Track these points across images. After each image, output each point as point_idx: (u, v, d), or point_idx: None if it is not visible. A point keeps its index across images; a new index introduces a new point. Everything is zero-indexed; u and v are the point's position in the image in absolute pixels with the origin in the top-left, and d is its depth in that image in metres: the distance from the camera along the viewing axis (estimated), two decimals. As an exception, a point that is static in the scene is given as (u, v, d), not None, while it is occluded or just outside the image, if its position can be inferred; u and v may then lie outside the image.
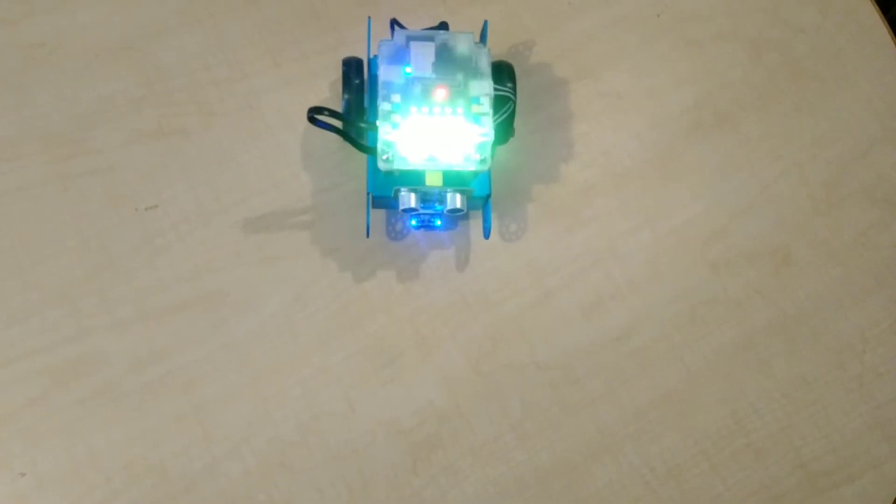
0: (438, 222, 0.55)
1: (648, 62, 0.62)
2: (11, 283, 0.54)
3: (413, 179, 0.50)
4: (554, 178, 0.59)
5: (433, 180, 0.50)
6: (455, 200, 0.51)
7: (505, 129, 0.52)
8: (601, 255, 0.58)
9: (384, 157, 0.48)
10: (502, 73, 0.52)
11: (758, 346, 0.57)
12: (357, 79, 0.52)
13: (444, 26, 0.54)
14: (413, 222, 0.55)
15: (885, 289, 0.58)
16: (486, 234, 0.55)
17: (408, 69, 0.49)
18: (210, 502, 0.51)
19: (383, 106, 0.48)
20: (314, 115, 0.48)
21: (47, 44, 0.58)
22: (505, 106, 0.51)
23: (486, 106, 0.49)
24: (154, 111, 0.58)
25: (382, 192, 0.52)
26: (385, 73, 0.49)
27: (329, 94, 0.59)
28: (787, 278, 0.58)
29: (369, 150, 0.51)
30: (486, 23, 0.56)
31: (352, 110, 0.52)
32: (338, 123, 0.49)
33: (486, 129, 0.48)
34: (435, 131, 0.48)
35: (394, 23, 0.54)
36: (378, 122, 0.48)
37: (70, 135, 0.57)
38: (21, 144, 0.56)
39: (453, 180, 0.50)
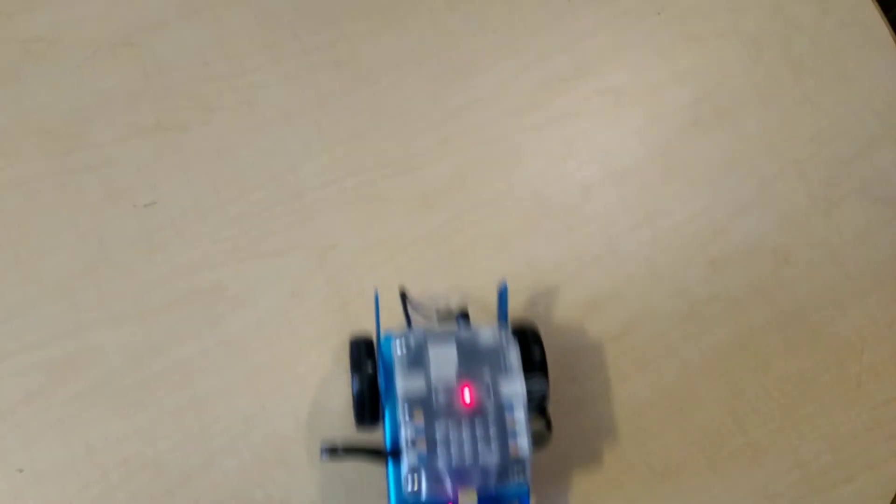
0: None
1: (648, 59, 0.62)
2: (9, 278, 0.54)
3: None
4: (553, 176, 0.59)
5: (467, 501, 0.45)
6: None
7: (540, 431, 0.48)
8: (600, 252, 0.58)
9: (410, 485, 0.44)
10: (528, 342, 0.49)
11: (756, 344, 0.56)
12: (369, 367, 0.47)
13: (464, 316, 0.51)
14: None
15: (884, 287, 0.58)
16: None
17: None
18: (207, 497, 0.51)
19: (407, 430, 0.44)
20: (329, 454, 0.46)
21: (45, 38, 0.58)
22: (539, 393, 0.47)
23: (520, 414, 0.45)
24: (152, 106, 0.58)
25: None
26: (405, 384, 0.45)
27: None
28: (787, 276, 0.58)
29: (393, 459, 0.47)
30: (504, 287, 0.51)
31: (364, 400, 0.47)
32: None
33: (523, 442, 0.44)
34: (466, 450, 0.44)
35: (404, 298, 0.50)
36: (402, 446, 0.44)
37: (68, 129, 0.57)
38: (19, 139, 0.56)
39: (488, 495, 0.46)
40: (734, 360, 0.56)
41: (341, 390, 0.53)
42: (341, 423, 0.53)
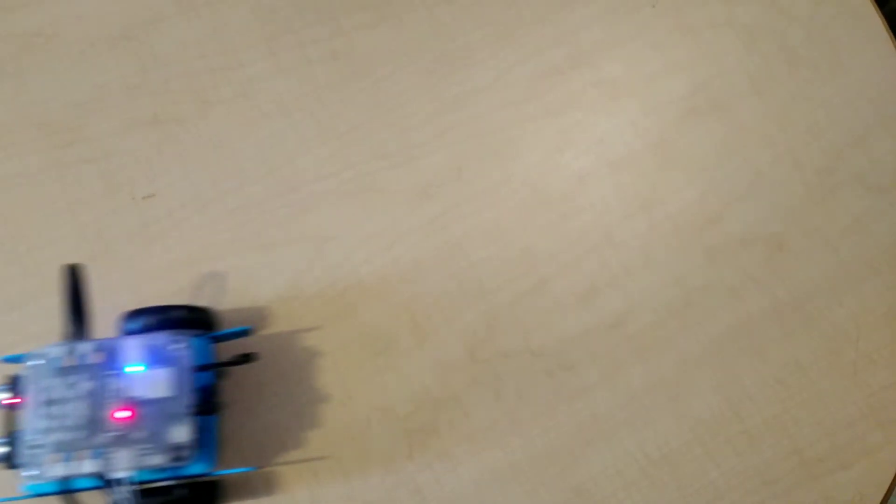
0: None
1: (643, 50, 0.62)
2: (8, 271, 0.54)
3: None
4: (549, 166, 0.59)
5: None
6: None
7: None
8: (596, 242, 0.58)
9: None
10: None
11: (752, 332, 0.57)
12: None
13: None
14: None
15: (879, 275, 0.58)
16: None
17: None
18: (206, 487, 0.51)
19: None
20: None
21: (44, 32, 0.58)
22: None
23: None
24: (150, 99, 0.58)
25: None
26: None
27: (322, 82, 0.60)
28: (782, 265, 0.58)
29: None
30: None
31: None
32: None
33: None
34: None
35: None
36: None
37: (66, 123, 0.57)
38: (17, 132, 0.57)
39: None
40: (730, 347, 0.56)
41: (338, 379, 0.54)
42: (338, 410, 0.53)
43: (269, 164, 0.58)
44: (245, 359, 0.48)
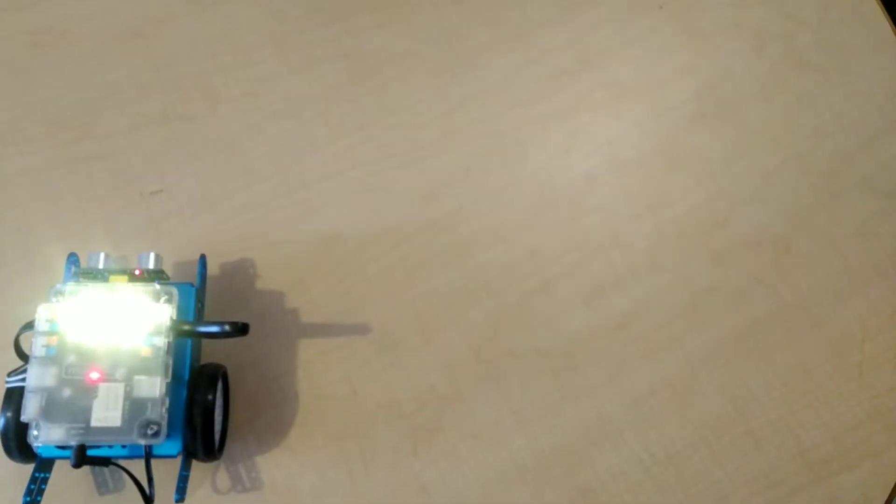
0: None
1: (651, 52, 0.62)
2: (18, 266, 0.54)
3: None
4: (556, 168, 0.59)
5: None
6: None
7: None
8: (603, 243, 0.58)
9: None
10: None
11: (758, 334, 0.57)
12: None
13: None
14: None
15: (885, 279, 0.58)
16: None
17: None
18: (212, 484, 0.52)
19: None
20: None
21: (55, 29, 0.59)
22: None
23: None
24: (160, 97, 0.58)
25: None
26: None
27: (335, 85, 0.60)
28: (788, 267, 0.58)
29: None
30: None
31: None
32: None
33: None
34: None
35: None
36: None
37: (76, 119, 0.57)
38: (28, 128, 0.57)
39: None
40: (736, 349, 0.56)
41: (343, 375, 0.54)
42: (343, 407, 0.53)
43: (277, 162, 0.58)
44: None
